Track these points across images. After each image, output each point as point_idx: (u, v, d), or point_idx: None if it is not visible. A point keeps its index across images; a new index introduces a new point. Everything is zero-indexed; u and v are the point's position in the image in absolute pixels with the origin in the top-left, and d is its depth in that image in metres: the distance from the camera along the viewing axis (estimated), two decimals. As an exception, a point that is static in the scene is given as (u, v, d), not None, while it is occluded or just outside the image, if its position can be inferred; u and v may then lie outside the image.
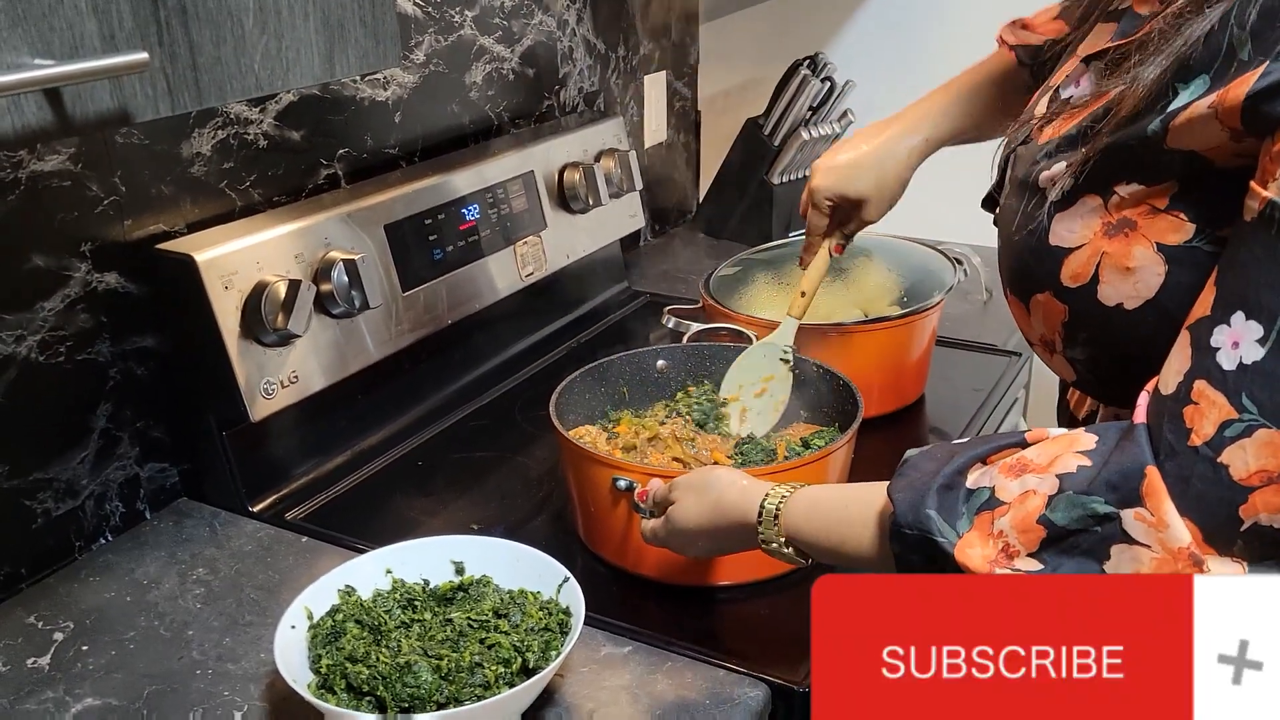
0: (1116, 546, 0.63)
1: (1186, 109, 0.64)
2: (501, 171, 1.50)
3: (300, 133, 1.30)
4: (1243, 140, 0.62)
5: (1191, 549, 0.61)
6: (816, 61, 1.95)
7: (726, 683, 0.93)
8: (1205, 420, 0.61)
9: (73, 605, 1.05)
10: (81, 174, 1.07)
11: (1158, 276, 0.68)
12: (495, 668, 0.86)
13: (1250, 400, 0.60)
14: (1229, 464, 0.60)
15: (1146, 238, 0.69)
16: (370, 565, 0.98)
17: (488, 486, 1.27)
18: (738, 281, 1.50)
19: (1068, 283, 0.73)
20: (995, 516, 0.68)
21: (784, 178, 2.01)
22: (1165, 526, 0.61)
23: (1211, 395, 0.61)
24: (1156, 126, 0.66)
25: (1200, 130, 0.64)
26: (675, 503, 0.92)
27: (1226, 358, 0.61)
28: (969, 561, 0.68)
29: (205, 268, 1.10)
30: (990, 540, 0.67)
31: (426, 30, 1.47)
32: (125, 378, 1.14)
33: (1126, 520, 0.63)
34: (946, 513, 0.70)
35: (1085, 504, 0.64)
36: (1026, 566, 0.65)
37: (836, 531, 0.80)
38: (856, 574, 0.64)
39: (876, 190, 1.12)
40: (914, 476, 0.73)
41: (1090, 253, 0.71)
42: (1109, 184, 0.70)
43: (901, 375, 1.40)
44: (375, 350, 1.29)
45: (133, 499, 1.17)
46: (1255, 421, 0.60)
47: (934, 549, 0.70)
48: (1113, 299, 0.71)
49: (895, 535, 0.72)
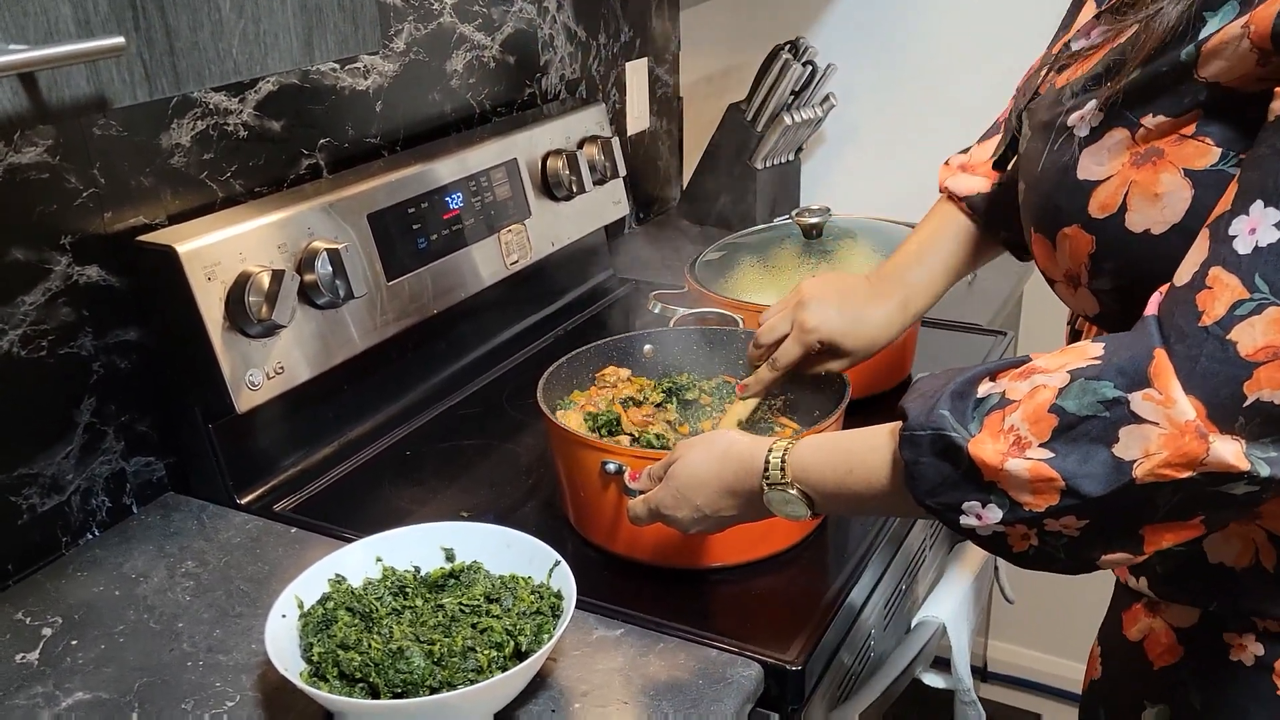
0: (1125, 428, 0.64)
1: (1219, 33, 0.66)
2: (484, 159, 1.49)
3: (280, 123, 1.30)
4: (1269, 62, 0.64)
5: (1197, 423, 0.62)
6: (797, 46, 1.95)
7: (719, 663, 0.93)
8: (1217, 301, 0.63)
9: (61, 600, 1.04)
10: (60, 166, 1.06)
11: (1184, 201, 0.70)
12: (488, 652, 0.86)
13: (1263, 279, 0.62)
14: (1237, 340, 0.62)
15: (1174, 164, 0.70)
16: (360, 553, 0.98)
17: (477, 474, 1.27)
18: (724, 265, 1.50)
19: (1096, 214, 0.74)
20: (1006, 414, 0.69)
21: (767, 162, 2.01)
22: (1172, 403, 0.63)
23: (1225, 279, 0.63)
24: (1191, 51, 0.68)
25: (1231, 54, 0.66)
26: (678, 459, 0.91)
27: (1243, 243, 0.63)
28: (982, 454, 0.68)
29: (187, 259, 1.10)
30: (1001, 436, 0.68)
31: (406, 18, 1.46)
32: (109, 371, 1.13)
33: (1135, 402, 0.64)
34: (958, 415, 0.71)
35: (1095, 389, 0.65)
36: (1038, 455, 0.66)
37: (845, 462, 0.81)
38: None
39: (862, 352, 1.11)
40: (924, 389, 0.75)
41: (1119, 183, 0.73)
42: (1136, 117, 0.72)
43: (887, 356, 1.40)
44: (361, 340, 1.29)
45: (119, 493, 1.17)
46: (1266, 300, 0.61)
47: (948, 444, 0.70)
48: (1140, 225, 0.72)
49: (907, 442, 0.73)
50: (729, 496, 0.88)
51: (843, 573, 1.06)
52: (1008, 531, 0.70)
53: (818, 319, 1.09)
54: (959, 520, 0.72)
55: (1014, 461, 0.67)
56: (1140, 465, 0.64)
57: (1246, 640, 0.79)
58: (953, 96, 1.97)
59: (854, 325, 1.10)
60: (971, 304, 1.64)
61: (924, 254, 1.14)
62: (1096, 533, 0.68)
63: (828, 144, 2.15)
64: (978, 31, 1.94)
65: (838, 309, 1.10)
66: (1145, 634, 0.86)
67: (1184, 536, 0.68)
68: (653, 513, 0.93)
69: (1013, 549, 0.72)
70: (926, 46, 1.98)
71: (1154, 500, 0.65)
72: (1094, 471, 0.65)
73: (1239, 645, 0.80)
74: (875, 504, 0.81)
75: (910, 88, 2.01)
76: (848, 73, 2.00)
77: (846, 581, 1.05)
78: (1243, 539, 0.77)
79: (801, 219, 1.47)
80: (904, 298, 1.12)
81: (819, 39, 2.02)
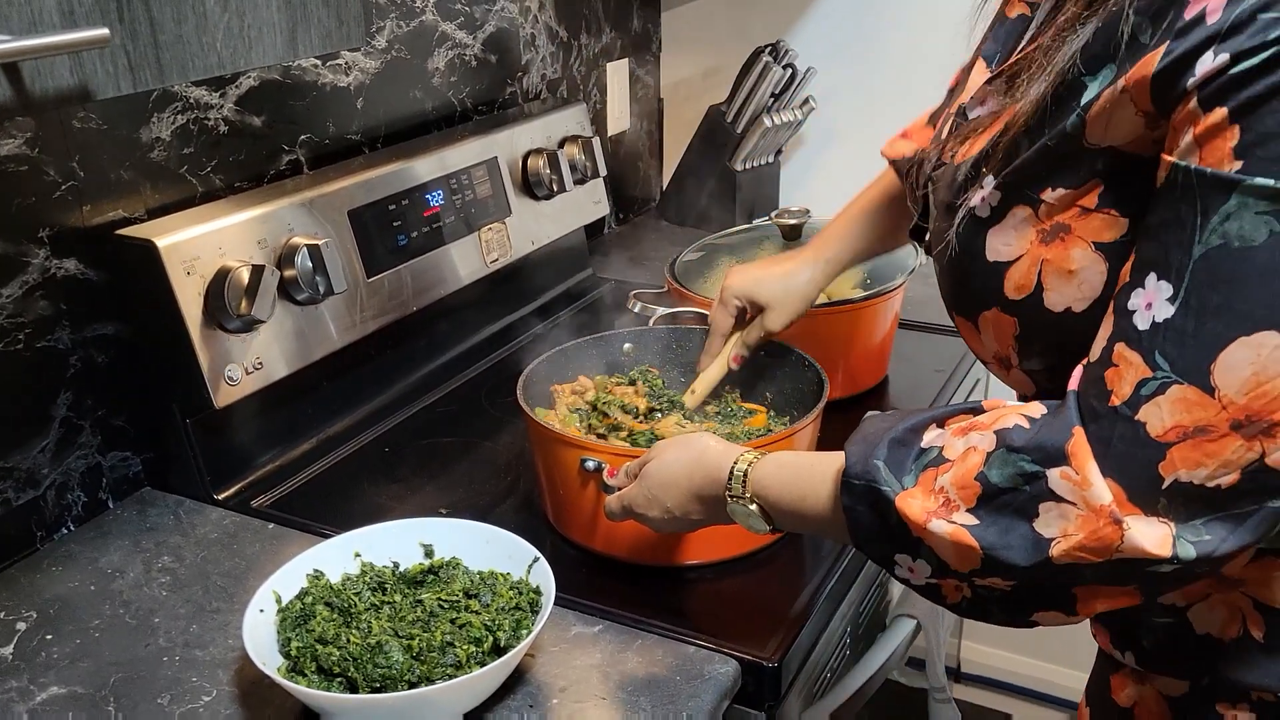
0: (1045, 504, 0.64)
1: (1099, 98, 0.65)
2: (465, 158, 1.49)
3: (261, 118, 1.29)
4: (1157, 125, 0.63)
5: (1112, 508, 0.62)
6: (778, 49, 1.96)
7: (696, 659, 0.94)
8: (1123, 381, 0.63)
9: (35, 595, 1.03)
10: (38, 158, 1.05)
11: (1100, 275, 0.69)
12: (466, 647, 0.86)
13: (1162, 357, 0.61)
14: (1146, 421, 0.61)
15: (1082, 239, 0.69)
16: (339, 549, 0.98)
17: (456, 472, 1.27)
18: (703, 266, 1.51)
19: (1012, 295, 0.73)
20: (939, 473, 0.69)
21: (747, 164, 2.02)
22: (1088, 485, 0.63)
23: (1129, 356, 0.63)
24: (1075, 121, 0.67)
25: (1117, 116, 0.65)
26: (653, 459, 0.92)
27: (1141, 318, 0.62)
28: (909, 510, 0.69)
29: (167, 253, 1.09)
30: (931, 495, 0.69)
31: (388, 15, 1.46)
32: (86, 365, 1.13)
33: (1052, 479, 0.64)
34: (895, 466, 0.71)
35: (1015, 462, 0.66)
36: (963, 521, 0.67)
37: (798, 487, 0.82)
38: None
39: (781, 301, 1.17)
40: (868, 431, 0.75)
41: (1030, 262, 0.71)
42: (1036, 192, 0.70)
43: (865, 357, 1.42)
44: (340, 337, 1.28)
45: (95, 488, 1.16)
46: (1168, 379, 0.61)
47: (877, 497, 0.71)
48: (1060, 304, 0.71)
49: (845, 487, 0.74)
50: (697, 501, 0.90)
51: (819, 570, 1.07)
52: (940, 584, 0.71)
53: (735, 280, 1.19)
54: (894, 570, 0.73)
55: (937, 523, 0.68)
56: (1058, 545, 0.64)
57: (1240, 710, 0.76)
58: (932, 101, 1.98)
59: (769, 277, 1.18)
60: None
61: (852, 212, 1.20)
62: (1027, 592, 0.68)
63: (807, 146, 2.16)
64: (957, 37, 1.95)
65: (756, 270, 1.21)
66: (1135, 701, 0.83)
67: (1120, 603, 0.67)
68: (626, 510, 0.95)
69: (947, 599, 0.73)
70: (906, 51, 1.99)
71: (1078, 571, 0.65)
72: (1014, 544, 0.65)
73: (1232, 716, 0.76)
74: (827, 533, 0.82)
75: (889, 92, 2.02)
76: (828, 76, 2.01)
77: (823, 579, 1.05)
78: (1228, 606, 0.74)
79: (781, 220, 1.48)
80: (818, 248, 1.19)
81: (799, 42, 2.03)
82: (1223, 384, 0.59)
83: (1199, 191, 0.60)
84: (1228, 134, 0.58)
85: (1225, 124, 0.58)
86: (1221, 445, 0.60)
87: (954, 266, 0.77)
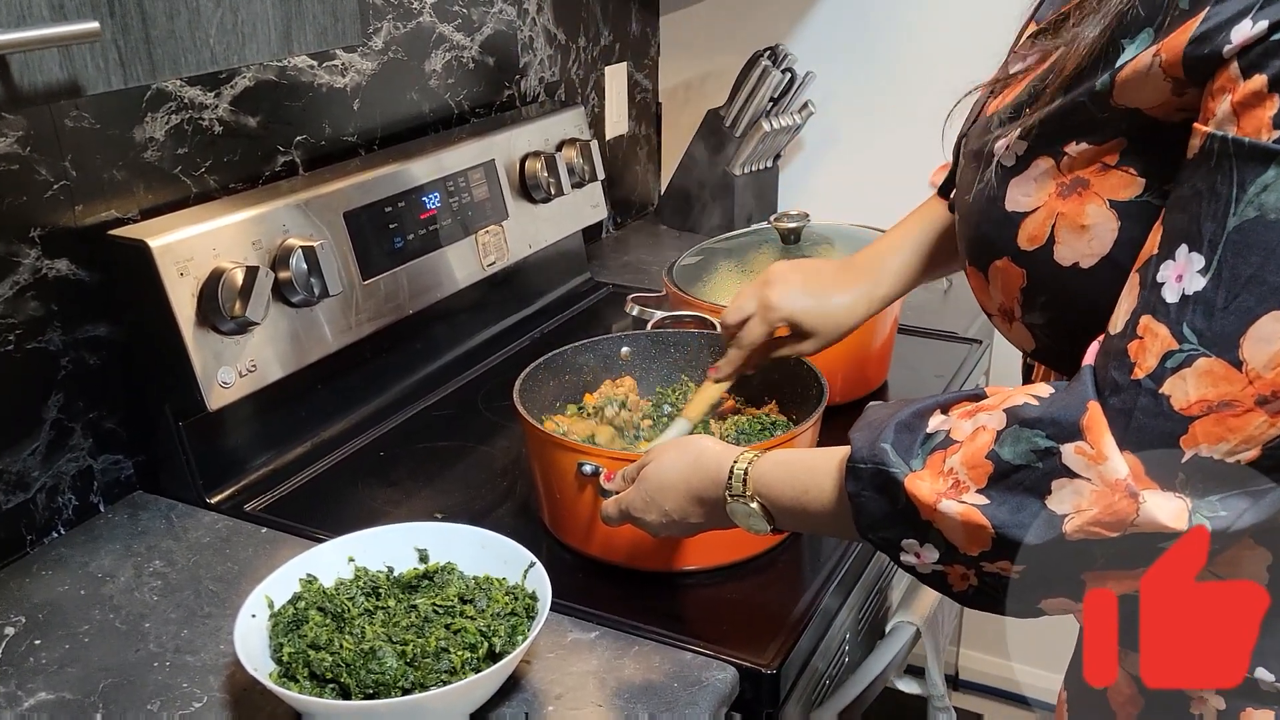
0: (1058, 481, 0.63)
1: (1132, 62, 0.65)
2: (462, 160, 1.48)
3: (257, 118, 1.28)
4: (1185, 92, 0.63)
5: (1128, 481, 0.61)
6: (777, 53, 1.95)
7: (694, 666, 0.92)
8: (1148, 353, 0.62)
9: (24, 599, 1.02)
10: (30, 157, 1.04)
11: (1111, 233, 0.69)
12: (461, 653, 0.85)
13: (1191, 330, 0.60)
14: (1170, 394, 0.61)
15: (1099, 195, 0.69)
16: (332, 553, 0.97)
17: (451, 476, 1.26)
18: (701, 269, 1.50)
19: (1024, 246, 0.73)
20: (947, 455, 0.69)
21: (745, 169, 2.01)
22: (1103, 459, 0.62)
23: (1155, 328, 0.62)
24: (1105, 81, 0.67)
25: (1145, 83, 0.65)
26: (651, 462, 0.91)
27: (1170, 290, 0.62)
28: (917, 492, 0.68)
29: (160, 254, 1.08)
30: (940, 477, 0.68)
31: (385, 16, 1.45)
32: (77, 367, 1.11)
33: (1066, 454, 0.63)
34: (902, 449, 0.70)
35: (1029, 438, 0.65)
36: (973, 501, 0.66)
37: (800, 480, 0.81)
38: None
39: (825, 332, 1.11)
40: (873, 418, 0.75)
41: (1045, 214, 0.72)
42: (1059, 145, 0.71)
43: (864, 362, 1.41)
44: (335, 339, 1.27)
45: (86, 491, 1.15)
46: (1195, 351, 0.60)
47: (886, 479, 0.70)
48: (1069, 259, 0.71)
49: (851, 474, 0.73)
50: (696, 504, 0.88)
51: (818, 577, 1.06)
52: (947, 570, 0.70)
53: (781, 298, 1.09)
54: (899, 557, 0.72)
55: (948, 503, 0.67)
56: (1070, 520, 0.63)
57: (1207, 693, 0.76)
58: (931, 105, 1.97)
59: (818, 306, 1.10)
60: (948, 312, 1.65)
61: (898, 242, 1.14)
62: (1035, 578, 0.67)
63: (806, 151, 2.15)
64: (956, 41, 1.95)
65: (802, 289, 1.10)
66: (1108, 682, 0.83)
67: (1129, 587, 0.66)
68: (623, 514, 0.93)
69: (953, 588, 0.72)
70: (905, 55, 1.99)
71: (1090, 551, 0.64)
72: (1026, 522, 0.64)
73: (1199, 699, 0.77)
74: (829, 527, 0.81)
75: (889, 96, 2.02)
76: (826, 80, 2.01)
77: (822, 586, 1.04)
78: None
79: (780, 224, 1.47)
80: (872, 283, 1.12)
81: (798, 46, 2.03)
82: (1251, 357, 0.59)
83: (1235, 162, 0.59)
84: (1267, 103, 0.58)
85: (1265, 92, 0.58)
86: (1245, 420, 0.59)
87: (972, 214, 0.78)
